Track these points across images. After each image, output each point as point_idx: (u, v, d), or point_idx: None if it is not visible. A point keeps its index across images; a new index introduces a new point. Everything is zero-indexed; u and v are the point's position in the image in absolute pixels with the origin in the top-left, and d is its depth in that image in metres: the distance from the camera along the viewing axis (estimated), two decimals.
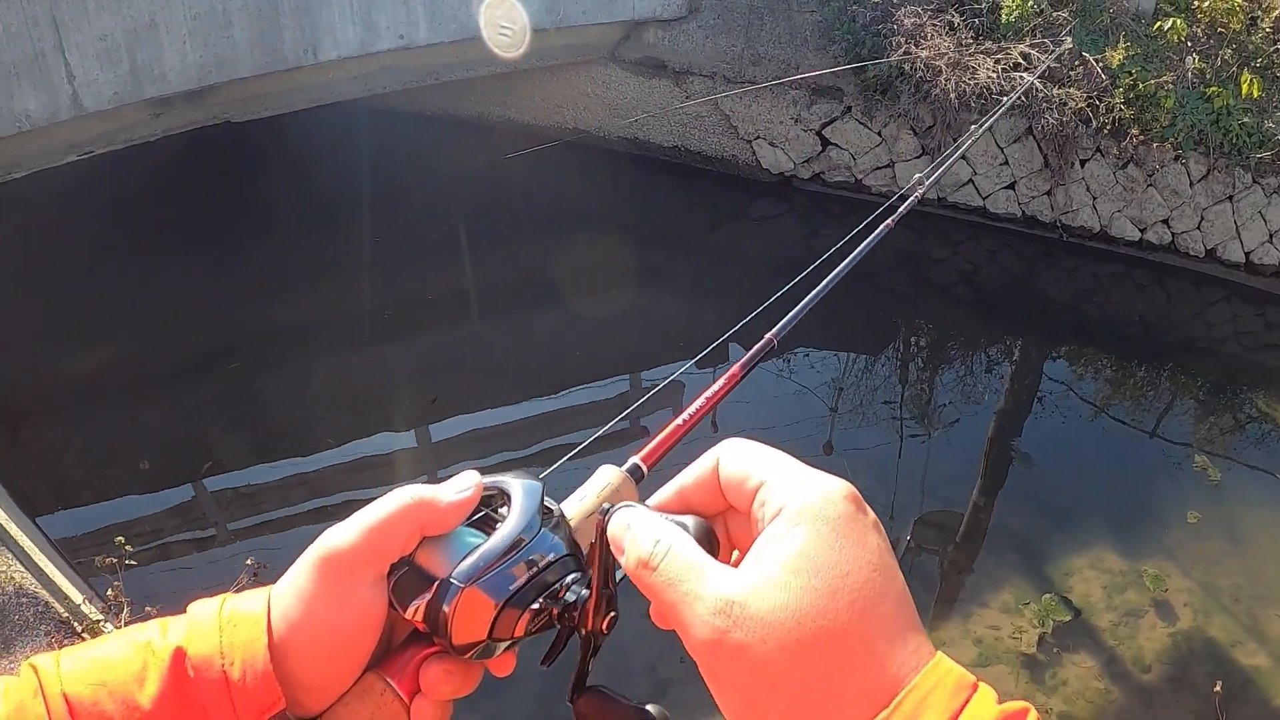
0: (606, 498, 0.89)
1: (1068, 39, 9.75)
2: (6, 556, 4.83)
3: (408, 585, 0.77)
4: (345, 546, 0.74)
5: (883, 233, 1.99)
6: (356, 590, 0.74)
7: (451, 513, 0.78)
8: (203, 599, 0.78)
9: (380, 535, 0.75)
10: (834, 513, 0.65)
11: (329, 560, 0.75)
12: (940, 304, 10.51)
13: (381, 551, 0.76)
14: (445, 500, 0.78)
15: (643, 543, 0.69)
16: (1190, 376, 9.64)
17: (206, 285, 9.72)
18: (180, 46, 8.46)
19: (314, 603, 0.74)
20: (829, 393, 8.80)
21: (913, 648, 0.61)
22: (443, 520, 0.78)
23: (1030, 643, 6.17)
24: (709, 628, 0.62)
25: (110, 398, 8.45)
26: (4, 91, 7.70)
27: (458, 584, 0.75)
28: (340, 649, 0.75)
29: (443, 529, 0.78)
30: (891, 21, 10.15)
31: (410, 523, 0.76)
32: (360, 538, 0.75)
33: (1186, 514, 7.35)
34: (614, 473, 0.91)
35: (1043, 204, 10.43)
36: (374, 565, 0.75)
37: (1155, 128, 9.63)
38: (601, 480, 0.91)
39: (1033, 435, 8.55)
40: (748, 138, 11.25)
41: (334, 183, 11.43)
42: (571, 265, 10.18)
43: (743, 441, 0.73)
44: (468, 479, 0.80)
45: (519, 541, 0.78)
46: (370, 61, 9.83)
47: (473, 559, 0.76)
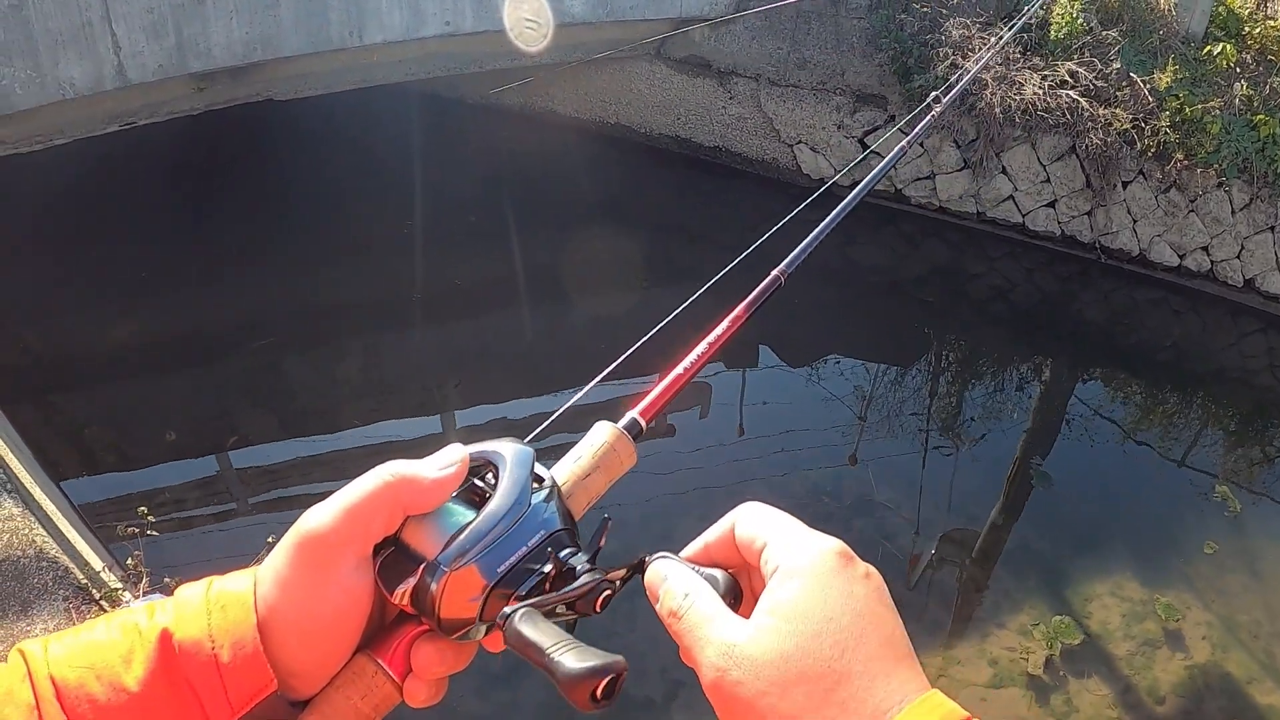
0: (601, 457, 0.88)
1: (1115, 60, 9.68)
2: (30, 520, 4.87)
3: (394, 566, 0.76)
4: (324, 529, 0.74)
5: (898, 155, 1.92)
6: (338, 574, 0.74)
7: (435, 491, 0.78)
8: (189, 583, 0.77)
9: (360, 517, 0.74)
10: (823, 568, 0.72)
11: (308, 544, 0.74)
12: (974, 319, 10.44)
13: (362, 534, 0.75)
14: (428, 477, 0.77)
15: (675, 595, 0.76)
16: (1221, 406, 9.55)
17: (241, 260, 9.78)
18: (227, 22, 8.49)
19: (295, 588, 0.73)
20: (857, 402, 8.77)
21: (898, 683, 0.67)
22: (426, 499, 0.77)
23: (1044, 666, 6.12)
24: (713, 668, 0.70)
25: (140, 368, 8.51)
26: (49, 59, 7.75)
27: (444, 567, 0.74)
28: (325, 634, 0.74)
29: (427, 508, 0.77)
30: (939, 32, 10.08)
31: (391, 502, 0.76)
32: (339, 520, 0.74)
33: (1208, 545, 7.28)
34: (608, 431, 0.91)
35: (1082, 224, 10.35)
36: (355, 549, 0.75)
37: (1200, 153, 9.53)
38: (596, 439, 0.90)
39: (1059, 456, 8.48)
40: (789, 142, 11.21)
41: (374, 165, 11.47)
42: (606, 260, 10.18)
43: (756, 506, 0.80)
44: (453, 453, 0.80)
45: (508, 519, 0.77)
46: (415, 47, 9.84)
47: (460, 540, 0.75)
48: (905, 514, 7.34)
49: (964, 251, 10.78)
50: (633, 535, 6.80)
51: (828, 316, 10.19)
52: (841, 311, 10.35)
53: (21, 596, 4.35)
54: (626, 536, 6.80)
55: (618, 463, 0.90)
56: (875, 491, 7.54)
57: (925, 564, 6.92)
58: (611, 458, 0.89)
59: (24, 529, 4.77)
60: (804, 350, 9.49)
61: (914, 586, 6.80)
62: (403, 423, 8.17)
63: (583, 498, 0.86)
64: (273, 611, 0.73)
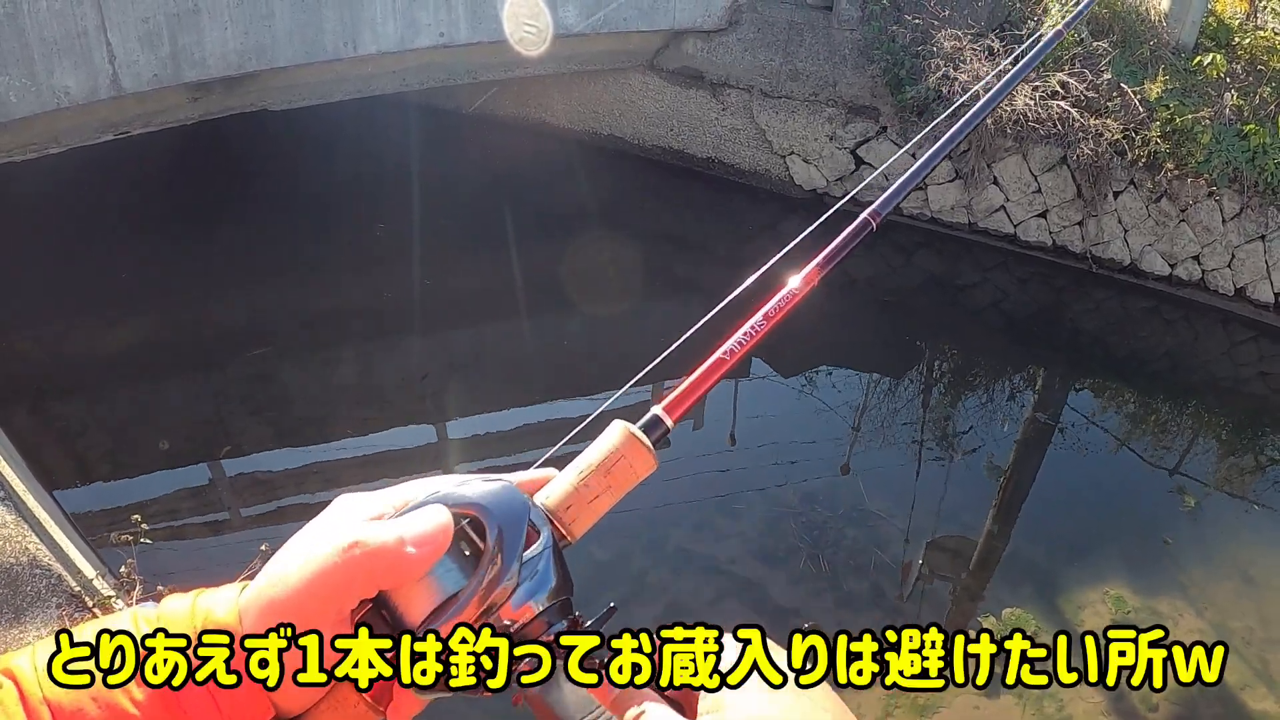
0: (612, 474, 0.80)
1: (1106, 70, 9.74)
2: (22, 527, 4.86)
3: (373, 622, 0.72)
4: (287, 601, 0.70)
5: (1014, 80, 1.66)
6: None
7: (414, 571, 0.71)
8: (177, 594, 0.75)
9: (324, 597, 0.70)
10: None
11: (273, 612, 0.70)
12: (967, 329, 10.46)
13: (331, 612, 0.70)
14: (408, 557, 0.71)
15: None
16: (1214, 415, 9.57)
17: (237, 269, 9.78)
18: (221, 33, 8.51)
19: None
20: (850, 412, 8.78)
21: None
22: (402, 579, 0.72)
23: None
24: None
25: (134, 376, 8.50)
26: (44, 68, 7.77)
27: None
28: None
29: (402, 585, 0.72)
30: (931, 44, 10.12)
31: (363, 580, 0.70)
32: (299, 595, 0.70)
33: (1202, 553, 7.30)
34: (620, 436, 0.82)
35: (1074, 234, 10.38)
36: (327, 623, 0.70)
37: (1190, 163, 9.57)
38: (607, 445, 0.82)
39: (1052, 465, 8.50)
40: (782, 153, 11.24)
41: (370, 175, 11.47)
42: (601, 270, 10.20)
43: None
44: (432, 520, 0.73)
45: (493, 593, 0.71)
46: (410, 57, 9.87)
47: (446, 614, 0.70)
48: (898, 523, 7.35)
49: (956, 262, 10.81)
50: (625, 546, 6.81)
51: (820, 327, 10.20)
52: (834, 322, 10.35)
53: (14, 604, 4.34)
54: (618, 545, 6.80)
55: (630, 474, 0.82)
56: (868, 501, 7.55)
57: (917, 573, 6.93)
58: (624, 472, 0.81)
59: (17, 536, 4.76)
60: (797, 361, 9.50)
61: (907, 596, 6.81)
62: (397, 432, 8.17)
63: (587, 520, 0.80)
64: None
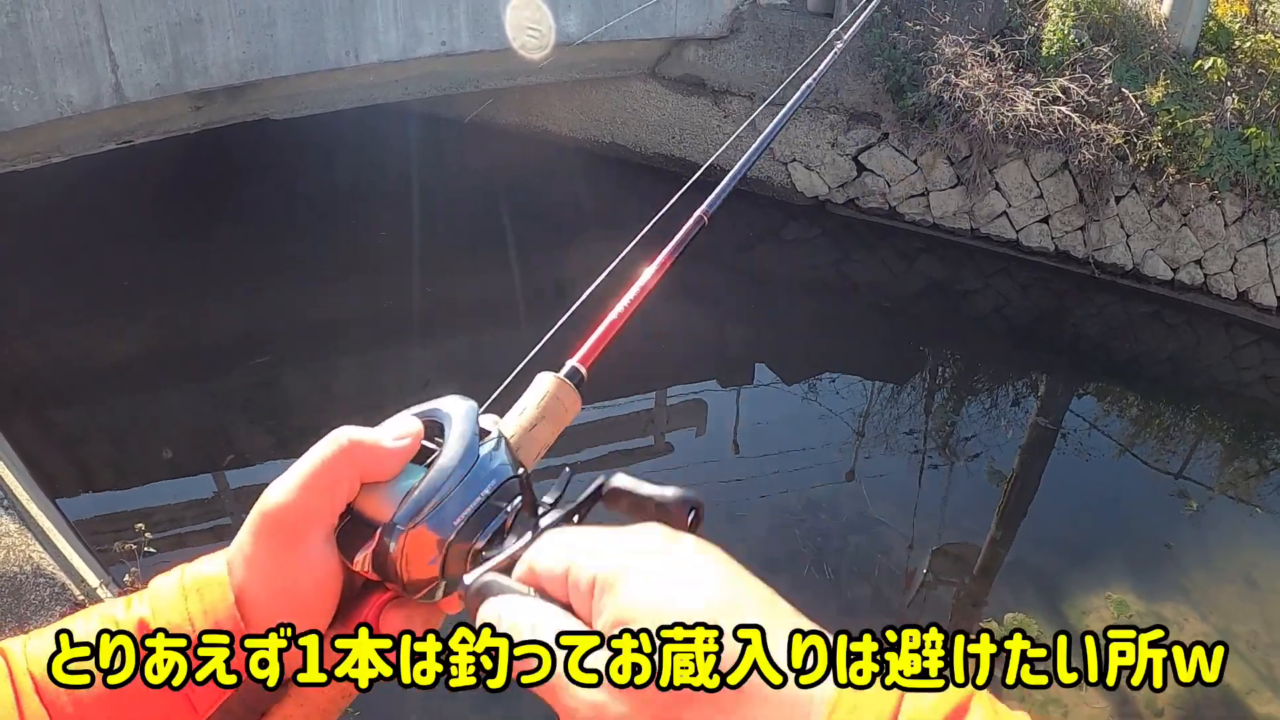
0: (546, 406, 0.89)
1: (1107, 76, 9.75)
2: (26, 536, 4.87)
3: (352, 534, 0.75)
4: (287, 505, 0.73)
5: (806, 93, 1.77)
6: (307, 550, 0.73)
7: (393, 459, 0.76)
8: (161, 574, 0.76)
9: (321, 488, 0.74)
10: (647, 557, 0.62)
11: (272, 521, 0.73)
12: (969, 335, 10.46)
13: (327, 507, 0.74)
14: (386, 446, 0.76)
15: (520, 631, 0.62)
16: (1217, 419, 9.56)
17: (240, 277, 9.80)
18: (224, 42, 8.53)
19: (265, 568, 0.73)
20: (854, 419, 8.78)
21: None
22: (384, 467, 0.76)
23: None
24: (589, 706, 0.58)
25: (137, 384, 8.52)
26: (47, 77, 7.78)
27: (401, 527, 0.73)
28: (299, 611, 0.73)
29: (384, 476, 0.76)
30: (932, 50, 10.13)
31: (351, 470, 0.75)
32: (301, 494, 0.73)
33: (1205, 558, 7.30)
34: (550, 380, 0.92)
35: (1076, 239, 10.38)
36: (320, 522, 0.74)
37: (1192, 167, 9.57)
38: (540, 389, 0.91)
39: (1056, 471, 8.49)
40: (784, 160, 11.25)
41: (372, 183, 11.50)
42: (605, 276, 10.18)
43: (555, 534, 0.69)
44: (406, 423, 0.79)
45: (458, 473, 0.76)
46: (412, 66, 9.89)
47: (414, 498, 0.74)
48: (901, 529, 7.34)
49: (958, 268, 10.81)
50: None
51: (823, 333, 10.22)
52: (837, 328, 10.37)
53: (18, 612, 4.35)
54: None
55: (563, 411, 0.91)
56: (871, 507, 7.55)
57: (921, 579, 6.93)
58: (556, 406, 0.90)
59: (20, 545, 4.77)
60: (800, 367, 9.51)
61: (911, 602, 6.80)
62: None
63: (532, 448, 0.86)
64: (245, 593, 0.72)
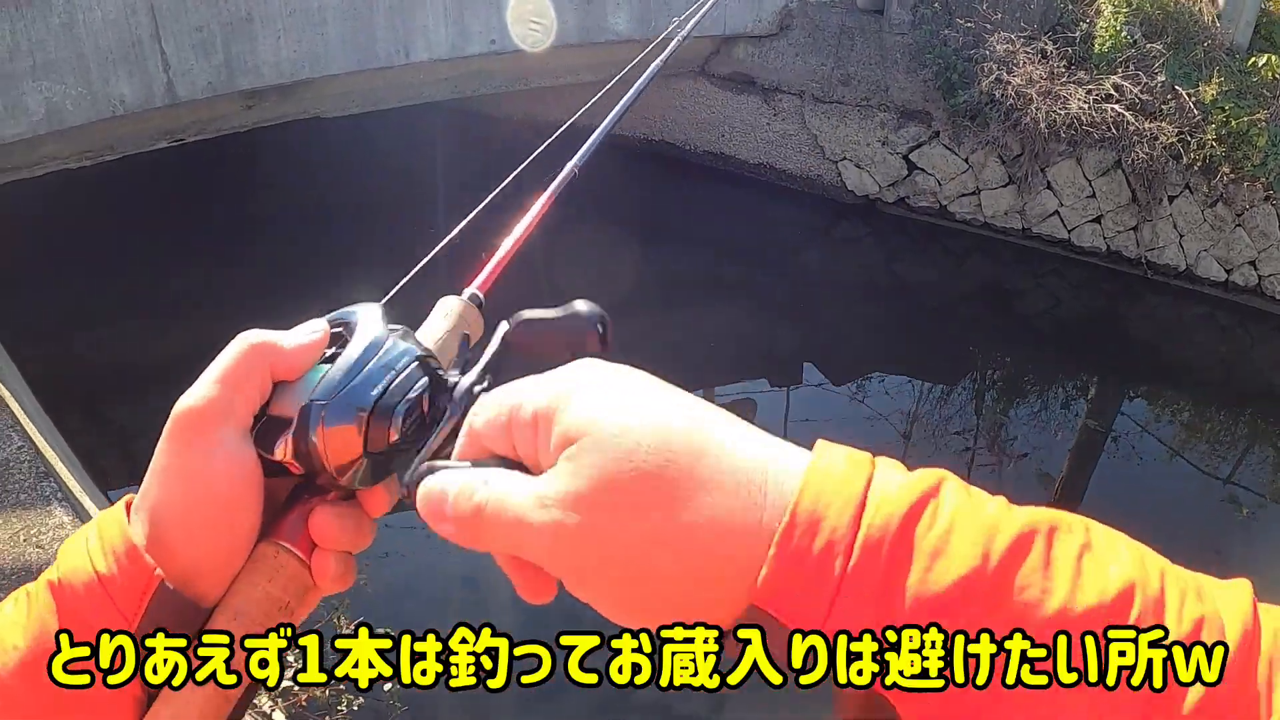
0: (455, 325, 0.89)
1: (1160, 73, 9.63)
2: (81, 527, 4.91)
3: (269, 431, 0.73)
4: (201, 402, 0.71)
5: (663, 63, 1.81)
6: (223, 450, 0.70)
7: (302, 355, 0.74)
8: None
9: (233, 382, 0.71)
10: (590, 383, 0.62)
11: (184, 422, 0.71)
12: (1020, 336, 10.38)
13: (239, 400, 0.71)
14: (295, 340, 0.75)
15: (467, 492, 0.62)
16: (1270, 424, 9.43)
17: (296, 275, 9.84)
18: (274, 41, 8.58)
19: (177, 476, 0.70)
20: (902, 420, 8.73)
21: (762, 440, 0.58)
22: (294, 363, 0.74)
23: None
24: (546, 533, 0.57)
25: (190, 379, 8.55)
26: (100, 77, 7.85)
27: (320, 403, 0.72)
28: (219, 521, 0.70)
29: (295, 374, 0.74)
30: (983, 47, 10.05)
31: (261, 364, 0.73)
32: (213, 389, 0.71)
33: (1254, 565, 7.19)
34: (456, 300, 0.92)
35: (1128, 239, 10.27)
36: (235, 416, 0.71)
37: (1246, 166, 9.44)
38: (446, 307, 0.91)
39: (1105, 474, 8.42)
40: (834, 159, 11.20)
41: (414, 182, 11.52)
42: (651, 276, 10.18)
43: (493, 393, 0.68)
44: (314, 324, 0.77)
45: (370, 350, 0.75)
46: (460, 65, 9.90)
47: (328, 378, 0.73)
48: None
49: (1009, 268, 10.72)
50: None
51: (872, 334, 10.16)
52: (886, 328, 10.31)
53: None
54: None
55: (469, 328, 0.91)
56: None
57: None
58: (463, 324, 0.90)
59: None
60: (848, 368, 9.47)
61: None
62: None
63: (444, 359, 0.85)
64: (156, 509, 0.70)
